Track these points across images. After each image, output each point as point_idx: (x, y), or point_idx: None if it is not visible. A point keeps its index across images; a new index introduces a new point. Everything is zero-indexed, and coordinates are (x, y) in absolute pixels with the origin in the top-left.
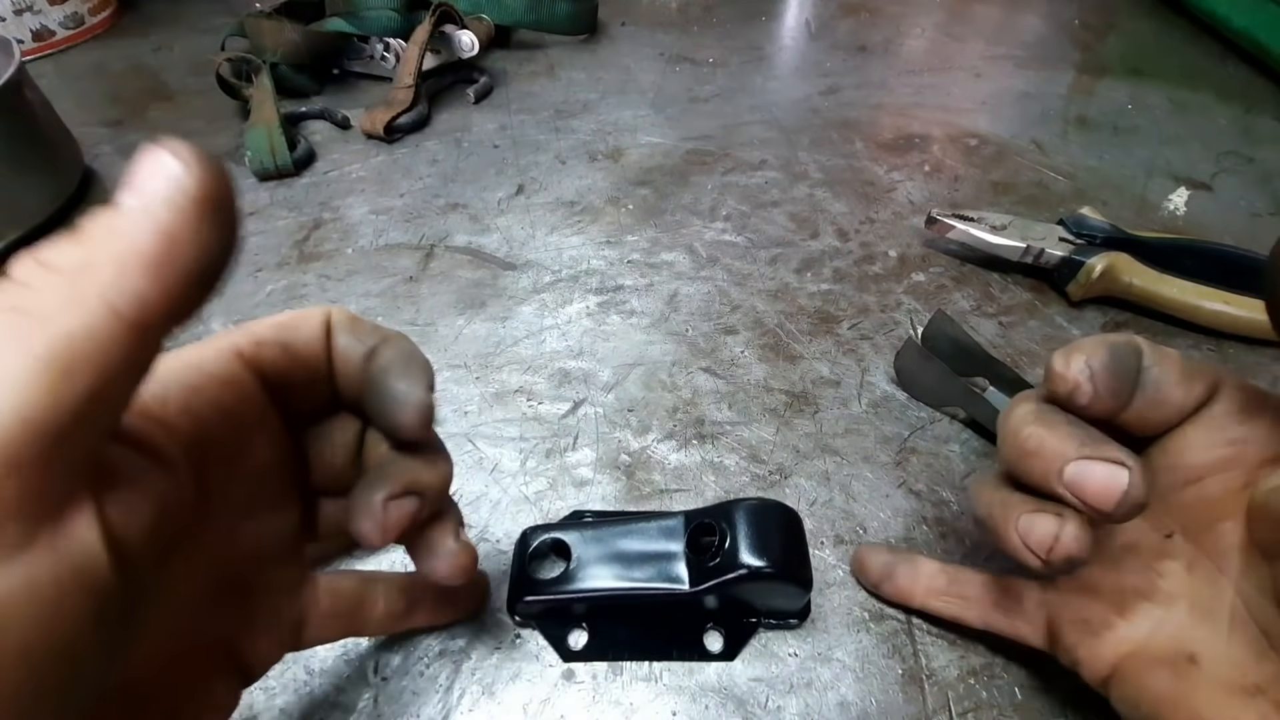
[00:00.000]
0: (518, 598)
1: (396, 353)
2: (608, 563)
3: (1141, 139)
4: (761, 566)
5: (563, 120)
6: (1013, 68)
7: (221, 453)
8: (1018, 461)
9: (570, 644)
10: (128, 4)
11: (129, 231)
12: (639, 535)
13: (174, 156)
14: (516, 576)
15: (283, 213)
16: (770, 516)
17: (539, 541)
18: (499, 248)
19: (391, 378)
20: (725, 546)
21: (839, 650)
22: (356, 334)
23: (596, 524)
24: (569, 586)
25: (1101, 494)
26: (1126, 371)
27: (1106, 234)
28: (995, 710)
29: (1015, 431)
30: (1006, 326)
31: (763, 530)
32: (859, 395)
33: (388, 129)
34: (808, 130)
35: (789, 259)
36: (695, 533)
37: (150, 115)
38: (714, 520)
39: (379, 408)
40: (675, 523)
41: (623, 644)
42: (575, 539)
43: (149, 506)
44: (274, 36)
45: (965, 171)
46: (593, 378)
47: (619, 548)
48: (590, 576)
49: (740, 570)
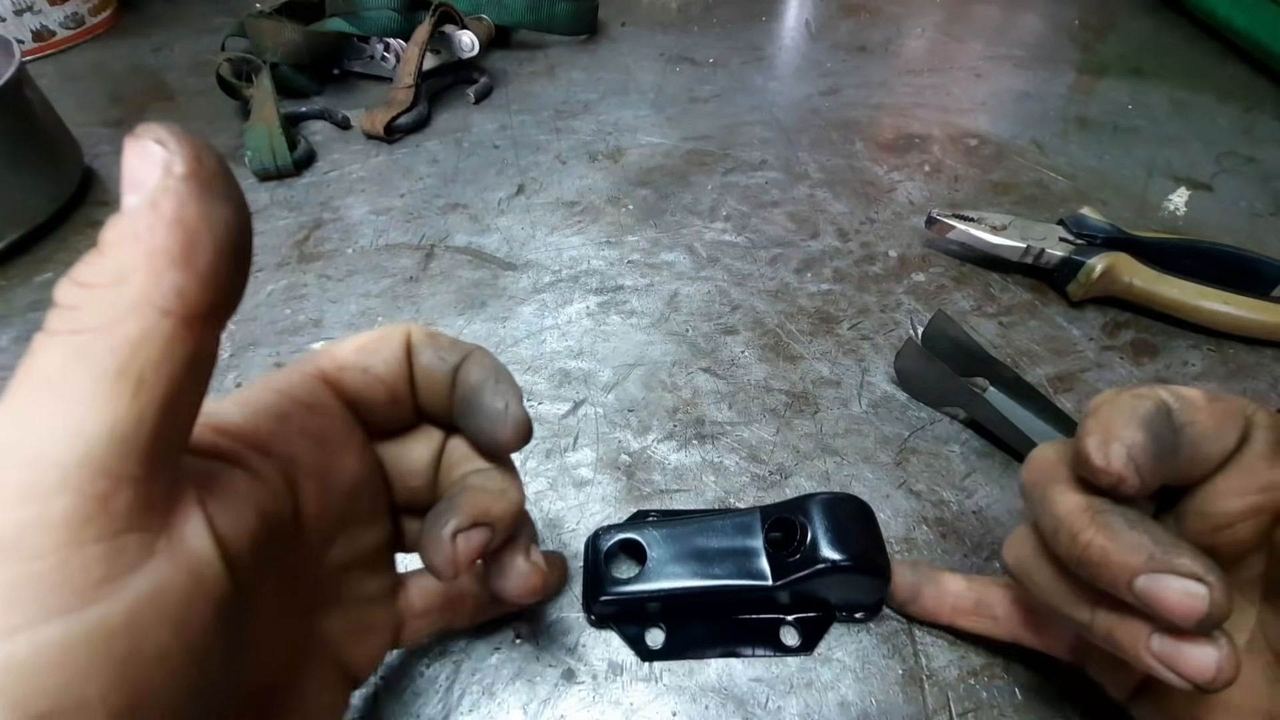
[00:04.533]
0: (594, 598)
1: (484, 368)
2: (685, 560)
3: (1141, 139)
4: (844, 560)
5: (563, 120)
6: (1013, 68)
7: (312, 471)
8: (1078, 567)
9: (649, 643)
10: (128, 4)
11: (144, 232)
12: (714, 532)
13: (155, 142)
14: (591, 577)
15: (283, 213)
16: (847, 510)
17: (612, 542)
18: (499, 248)
19: (487, 395)
20: (806, 541)
21: (839, 650)
22: (439, 351)
23: (668, 523)
24: (648, 585)
25: (1180, 612)
26: (1165, 447)
27: (1106, 234)
28: (995, 710)
29: (1072, 536)
30: (1006, 326)
31: (841, 524)
32: (859, 395)
33: (388, 129)
34: (808, 130)
35: (789, 259)
36: (772, 528)
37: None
38: (792, 515)
39: (476, 424)
40: (750, 519)
41: (700, 641)
42: (649, 538)
43: (251, 515)
44: (274, 36)
45: (965, 171)
46: (593, 378)
47: (695, 545)
48: (668, 574)
49: (823, 564)
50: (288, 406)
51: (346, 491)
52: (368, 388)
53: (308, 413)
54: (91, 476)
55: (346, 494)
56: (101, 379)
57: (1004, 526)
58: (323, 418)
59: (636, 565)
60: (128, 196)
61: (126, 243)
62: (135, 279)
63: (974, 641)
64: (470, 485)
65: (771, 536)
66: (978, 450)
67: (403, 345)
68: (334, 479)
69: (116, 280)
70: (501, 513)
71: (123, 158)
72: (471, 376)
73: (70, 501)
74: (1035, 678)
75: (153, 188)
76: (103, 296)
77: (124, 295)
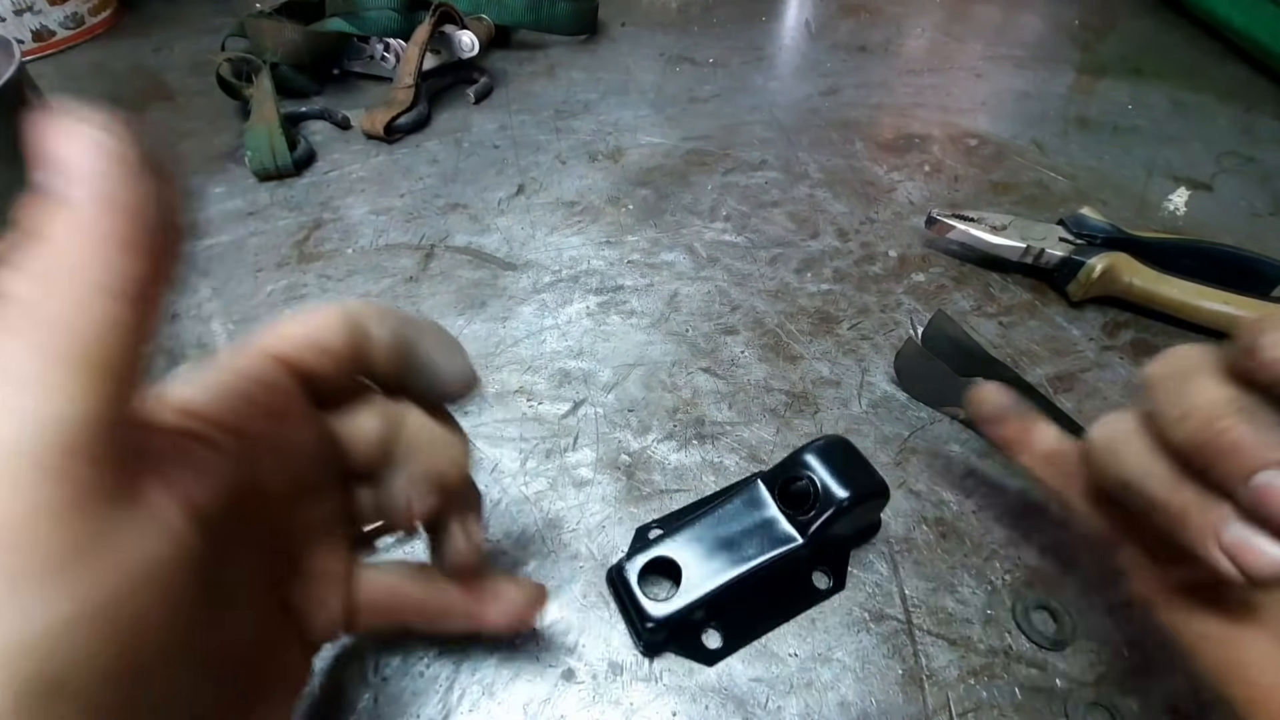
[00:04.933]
0: (643, 628)
1: (423, 328)
2: (715, 555)
3: (1141, 139)
4: (856, 494)
5: (563, 120)
6: (1013, 68)
7: (269, 445)
8: (1199, 451)
9: (709, 647)
10: (128, 4)
11: (81, 217)
12: (729, 518)
13: (80, 122)
14: (630, 610)
15: (283, 213)
16: (837, 450)
17: (639, 569)
18: (499, 248)
19: (427, 346)
20: (819, 490)
21: (839, 650)
22: (385, 318)
23: (681, 526)
24: (692, 595)
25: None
26: None
27: (1106, 234)
28: (995, 710)
29: (1210, 419)
30: (1006, 326)
31: (838, 463)
32: (859, 395)
33: (388, 129)
34: (808, 130)
35: (789, 259)
36: (780, 495)
37: (150, 115)
38: (795, 475)
39: (421, 378)
40: (754, 490)
41: (750, 623)
42: (674, 549)
43: (216, 484)
44: (274, 36)
45: (965, 171)
46: (593, 378)
47: (718, 536)
48: (707, 575)
49: (840, 504)
50: (243, 385)
51: (303, 462)
52: (315, 361)
53: (262, 390)
54: (60, 459)
55: (303, 464)
56: (59, 365)
57: (1004, 526)
58: (276, 394)
59: (669, 580)
60: (57, 180)
61: (64, 228)
62: (81, 264)
63: (974, 641)
64: (418, 441)
65: (793, 493)
66: (978, 450)
67: (345, 316)
68: (289, 450)
69: (59, 267)
70: (450, 463)
71: (46, 139)
72: (410, 334)
73: (43, 485)
74: (1035, 678)
75: (86, 171)
76: (48, 284)
77: (70, 281)
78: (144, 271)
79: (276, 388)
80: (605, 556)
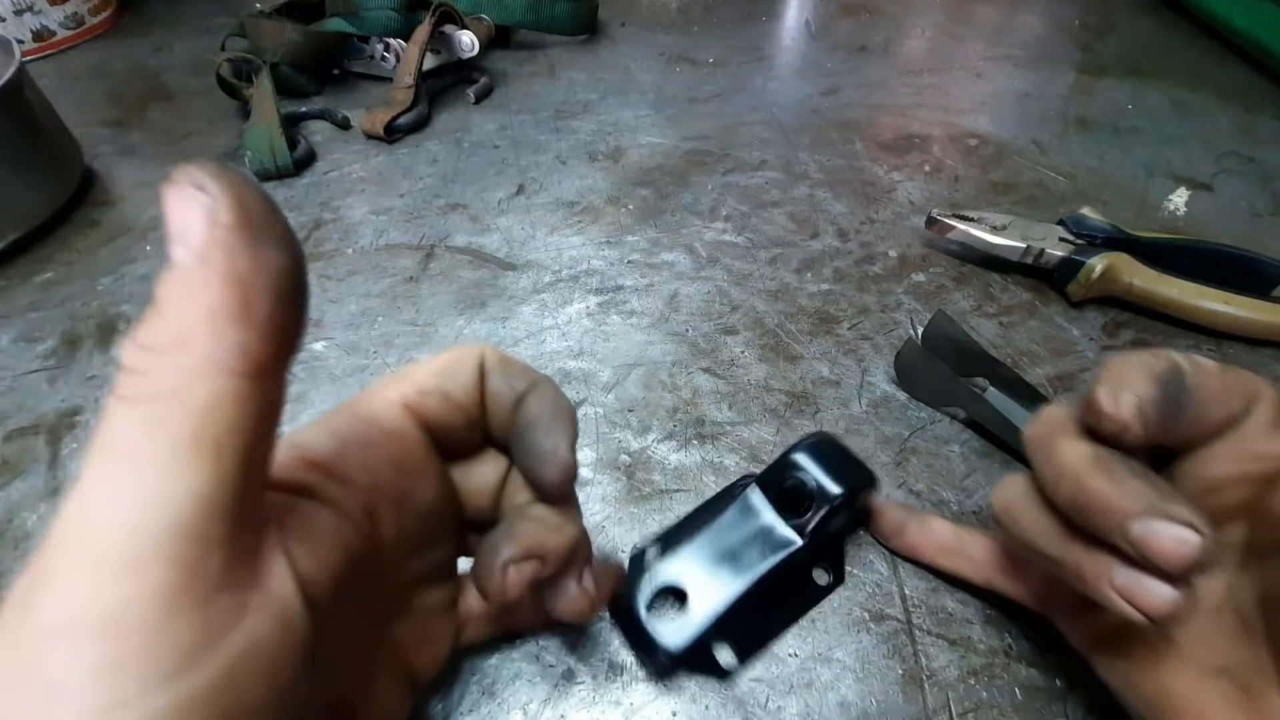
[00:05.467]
0: (657, 658)
1: (544, 404)
2: (718, 570)
3: (1141, 139)
4: (850, 488)
5: (563, 120)
6: (1013, 68)
7: (393, 498)
8: (1077, 511)
9: (723, 663)
10: (128, 4)
11: (199, 290)
12: (727, 528)
13: (195, 187)
14: (638, 639)
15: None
16: (826, 446)
17: (648, 600)
18: (499, 248)
19: (539, 433)
20: (814, 489)
21: (839, 650)
22: (508, 377)
23: (679, 543)
24: (702, 615)
25: (1170, 555)
26: (1175, 406)
27: (1106, 234)
28: (995, 710)
29: (1076, 480)
30: (1006, 326)
31: (827, 460)
32: (859, 395)
33: (388, 129)
34: (808, 130)
35: (789, 259)
36: (776, 494)
37: (150, 115)
38: (786, 474)
39: (525, 460)
40: (750, 497)
41: (760, 631)
42: (676, 570)
43: (333, 551)
44: (274, 36)
45: (965, 171)
46: (593, 378)
47: (718, 550)
48: (713, 591)
49: (836, 501)
50: (373, 435)
51: (423, 515)
52: (447, 413)
53: (390, 440)
54: (184, 544)
55: (423, 518)
56: (180, 445)
57: None
58: (404, 445)
59: (676, 601)
60: (175, 248)
61: (183, 301)
62: (197, 340)
63: (974, 641)
64: (529, 515)
65: (786, 495)
66: (978, 450)
67: (476, 368)
68: (412, 504)
69: (179, 342)
70: (555, 547)
71: (164, 205)
72: (530, 410)
73: (166, 571)
74: (1035, 678)
75: (200, 240)
76: (168, 360)
77: (188, 358)
78: (259, 344)
79: (404, 438)
80: (605, 556)
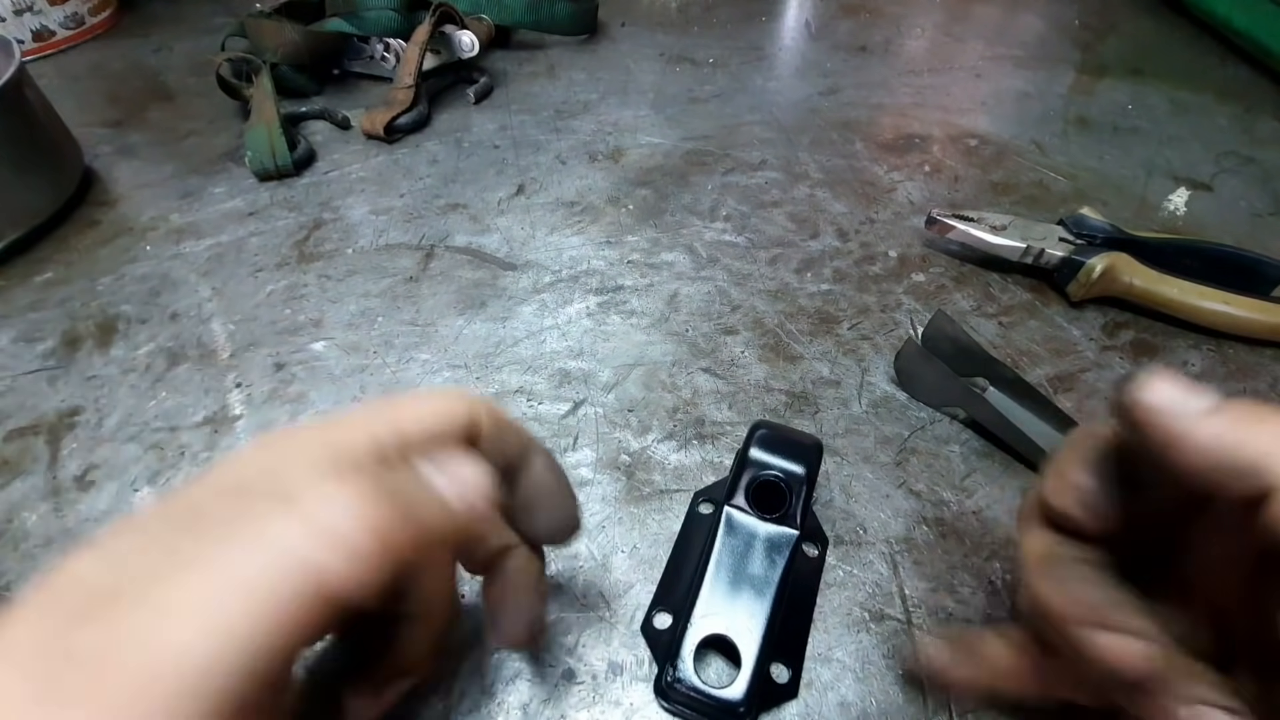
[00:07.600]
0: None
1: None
2: (739, 597)
3: (1141, 139)
4: (810, 462)
5: (563, 120)
6: (1013, 68)
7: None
8: (1036, 617)
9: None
10: (128, 4)
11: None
12: (724, 554)
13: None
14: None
15: (283, 213)
16: (768, 436)
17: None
18: (499, 248)
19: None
20: (785, 479)
21: (839, 650)
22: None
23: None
24: (752, 649)
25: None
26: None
27: (1106, 234)
28: (995, 710)
29: (1029, 583)
30: (1006, 326)
31: (779, 446)
32: (859, 395)
33: (388, 129)
34: (808, 130)
35: (789, 259)
36: (752, 503)
37: (150, 115)
38: (750, 476)
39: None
40: (731, 514)
41: (797, 637)
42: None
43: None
44: (274, 36)
45: (965, 171)
46: (593, 378)
47: (729, 577)
48: (748, 621)
49: (804, 480)
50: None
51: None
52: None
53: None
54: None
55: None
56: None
57: (1004, 527)
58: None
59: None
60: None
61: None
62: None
63: None
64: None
65: (762, 496)
66: (978, 450)
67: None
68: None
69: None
70: (542, 598)
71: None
72: (538, 479)
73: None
74: None
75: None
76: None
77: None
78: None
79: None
80: (605, 556)
